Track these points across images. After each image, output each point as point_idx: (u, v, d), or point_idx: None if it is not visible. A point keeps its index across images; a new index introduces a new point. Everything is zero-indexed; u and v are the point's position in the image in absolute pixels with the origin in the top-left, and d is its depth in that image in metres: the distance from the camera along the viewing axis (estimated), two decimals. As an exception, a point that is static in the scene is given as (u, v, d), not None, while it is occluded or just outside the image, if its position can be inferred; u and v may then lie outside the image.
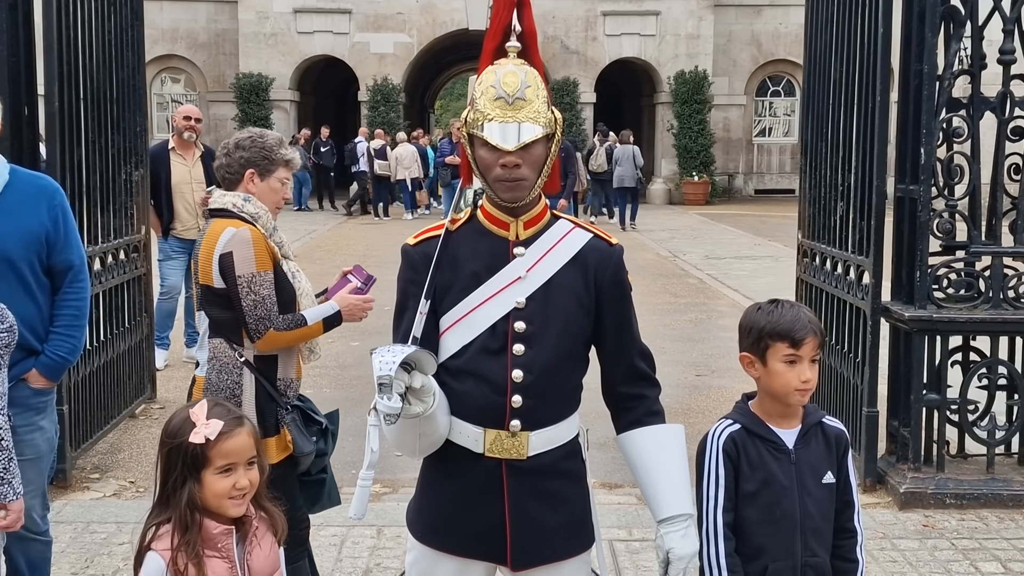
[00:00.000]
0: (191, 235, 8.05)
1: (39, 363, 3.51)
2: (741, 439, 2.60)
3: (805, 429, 2.63)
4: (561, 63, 27.60)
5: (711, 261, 15.66)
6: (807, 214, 6.72)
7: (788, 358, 2.55)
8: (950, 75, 5.31)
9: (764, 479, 2.57)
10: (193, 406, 2.44)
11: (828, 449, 2.65)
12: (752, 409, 2.67)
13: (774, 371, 2.57)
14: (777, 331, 2.56)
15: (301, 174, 24.59)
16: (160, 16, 27.39)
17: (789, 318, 2.57)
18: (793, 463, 2.59)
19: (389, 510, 5.04)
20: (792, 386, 2.56)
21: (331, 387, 7.79)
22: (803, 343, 2.55)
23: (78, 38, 5.88)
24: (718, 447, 2.60)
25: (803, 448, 2.61)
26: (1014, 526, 5.06)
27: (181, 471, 2.39)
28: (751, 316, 2.65)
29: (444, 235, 2.54)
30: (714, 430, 2.65)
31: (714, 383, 8.04)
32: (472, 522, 2.51)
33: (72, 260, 3.58)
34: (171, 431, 2.43)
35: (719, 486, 2.57)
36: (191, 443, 2.37)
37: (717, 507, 2.56)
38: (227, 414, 2.44)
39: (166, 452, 2.42)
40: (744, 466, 2.58)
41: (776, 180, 30.09)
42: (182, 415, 2.44)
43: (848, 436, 2.76)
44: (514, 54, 2.51)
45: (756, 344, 2.59)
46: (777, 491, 2.55)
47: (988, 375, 5.45)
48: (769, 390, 2.61)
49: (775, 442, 2.61)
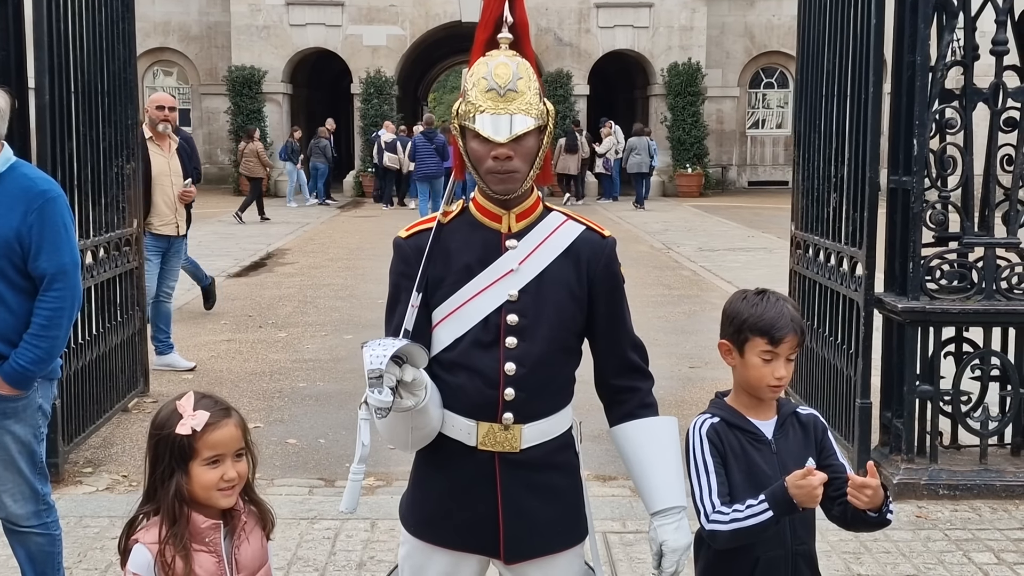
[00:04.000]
0: (168, 230, 7.85)
1: (1, 370, 3.44)
2: (722, 430, 2.60)
3: (782, 420, 2.64)
4: (554, 55, 27.57)
5: (705, 253, 15.67)
6: (800, 206, 6.72)
7: (765, 355, 2.55)
8: (943, 66, 5.30)
9: (748, 469, 2.56)
10: (180, 397, 2.42)
11: (806, 436, 2.65)
12: (728, 403, 2.68)
13: (750, 364, 2.57)
14: (758, 326, 2.55)
15: (322, 166, 24.55)
16: (152, 9, 27.33)
17: (772, 314, 2.55)
18: (774, 452, 2.60)
19: (383, 503, 5.04)
20: (765, 381, 2.56)
21: (324, 380, 7.78)
22: (782, 341, 2.54)
23: (69, 31, 5.85)
24: (701, 436, 2.60)
25: (782, 438, 2.62)
26: (1007, 517, 5.07)
27: (168, 463, 2.36)
28: (735, 305, 2.64)
29: (436, 228, 2.53)
30: (694, 424, 2.65)
31: (708, 375, 8.04)
32: (465, 515, 2.51)
33: (44, 268, 3.44)
34: (159, 422, 2.41)
35: (708, 472, 2.55)
36: (178, 434, 2.35)
37: (712, 492, 2.53)
38: (214, 405, 2.41)
39: (154, 444, 2.40)
40: (729, 457, 2.57)
41: (770, 172, 30.10)
42: (169, 407, 2.42)
43: (823, 420, 2.76)
44: (506, 45, 2.49)
45: (736, 335, 2.60)
46: (762, 480, 2.53)
47: (981, 366, 5.46)
48: (743, 381, 2.62)
49: (754, 433, 2.61)
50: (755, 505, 2.45)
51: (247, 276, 13.38)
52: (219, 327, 9.78)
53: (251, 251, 15.69)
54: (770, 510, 2.44)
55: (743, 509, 2.47)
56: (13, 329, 3.46)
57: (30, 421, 3.57)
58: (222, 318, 10.22)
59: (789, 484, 2.41)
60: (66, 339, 3.66)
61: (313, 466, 5.86)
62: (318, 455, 6.04)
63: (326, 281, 12.81)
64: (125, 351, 6.73)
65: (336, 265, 14.38)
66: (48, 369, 3.57)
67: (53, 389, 3.76)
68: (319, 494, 5.38)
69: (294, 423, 6.68)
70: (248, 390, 7.44)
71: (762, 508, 2.44)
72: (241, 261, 14.58)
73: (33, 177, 3.55)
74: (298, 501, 5.25)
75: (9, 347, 3.46)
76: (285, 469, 5.79)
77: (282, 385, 7.61)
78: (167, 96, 8.17)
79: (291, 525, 4.88)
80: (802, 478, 2.40)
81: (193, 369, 7.99)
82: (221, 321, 10.07)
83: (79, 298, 3.61)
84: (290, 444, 6.23)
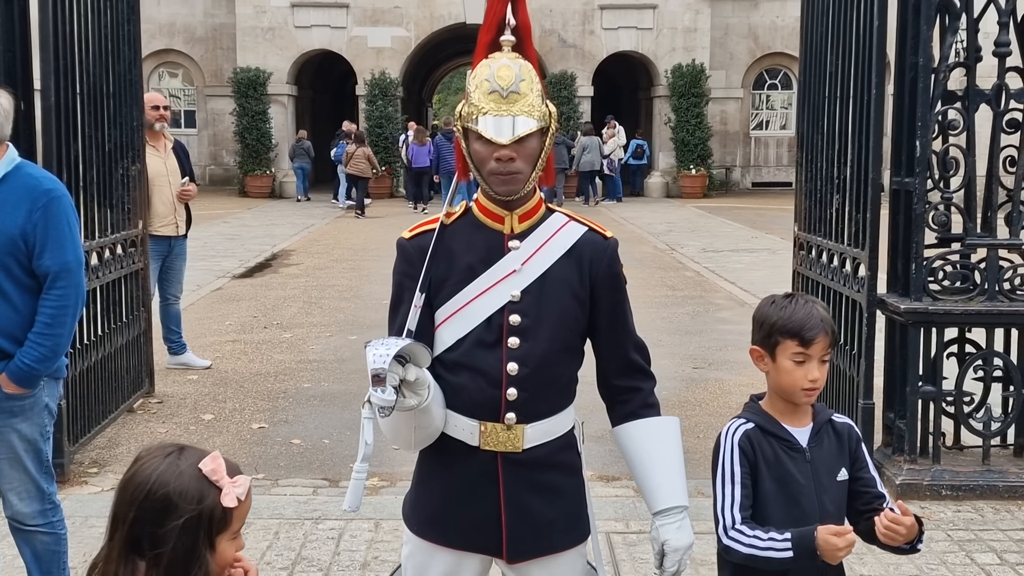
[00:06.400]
0: (167, 231, 7.74)
1: (7, 369, 3.46)
2: (756, 437, 2.56)
3: (817, 427, 2.60)
4: (558, 57, 27.58)
5: (708, 254, 15.67)
6: (803, 207, 6.72)
7: (797, 356, 2.52)
8: (945, 68, 5.31)
9: (781, 477, 2.53)
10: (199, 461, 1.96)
11: (840, 445, 2.61)
12: (764, 408, 2.63)
13: (782, 368, 2.54)
14: (788, 328, 2.53)
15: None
16: (157, 10, 27.38)
17: (801, 315, 2.53)
18: (808, 461, 2.56)
19: (387, 503, 5.05)
20: (799, 385, 2.53)
21: (329, 381, 7.80)
22: (813, 342, 2.51)
23: (74, 32, 5.88)
24: (733, 443, 2.56)
25: (816, 446, 2.58)
26: (1010, 517, 5.08)
27: (200, 541, 1.92)
28: (764, 310, 2.61)
29: (439, 228, 2.54)
30: (727, 428, 2.61)
31: (711, 376, 8.05)
32: (468, 515, 2.52)
33: (48, 266, 3.47)
34: (190, 496, 1.91)
35: (735, 483, 2.52)
36: (223, 506, 1.93)
37: (734, 504, 2.50)
38: (235, 466, 2.02)
39: (183, 522, 1.89)
40: (761, 464, 2.54)
41: (773, 173, 30.08)
42: (189, 472, 1.93)
43: (859, 430, 2.71)
44: (508, 47, 2.51)
45: (766, 339, 2.57)
46: (795, 490, 2.51)
47: (984, 367, 5.46)
48: (777, 386, 2.59)
49: (789, 440, 2.57)
50: (778, 540, 2.43)
51: (252, 277, 13.41)
52: (224, 328, 9.80)
53: (256, 252, 15.72)
54: (791, 551, 2.41)
55: (764, 538, 2.44)
56: (18, 327, 3.49)
57: (36, 420, 3.60)
58: (227, 319, 10.25)
59: (819, 534, 2.38)
60: (71, 337, 3.68)
61: (318, 466, 5.87)
62: (322, 455, 6.06)
63: (331, 282, 12.84)
64: (130, 352, 6.76)
65: (341, 266, 14.40)
66: (53, 367, 3.59)
67: (59, 388, 3.79)
68: (323, 494, 5.40)
69: (299, 423, 6.70)
70: (253, 390, 7.47)
71: (784, 546, 2.42)
72: (246, 262, 14.61)
73: (38, 176, 3.58)
74: (302, 501, 5.27)
75: (15, 345, 3.48)
76: (290, 469, 5.81)
77: (287, 386, 7.64)
78: (160, 96, 8.09)
79: (295, 525, 4.90)
80: (835, 533, 2.36)
81: (209, 367, 8.04)
82: (226, 322, 10.10)
83: (83, 296, 3.63)
84: (295, 444, 6.25)
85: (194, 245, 8.86)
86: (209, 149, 29.03)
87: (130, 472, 1.96)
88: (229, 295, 11.82)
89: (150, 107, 7.59)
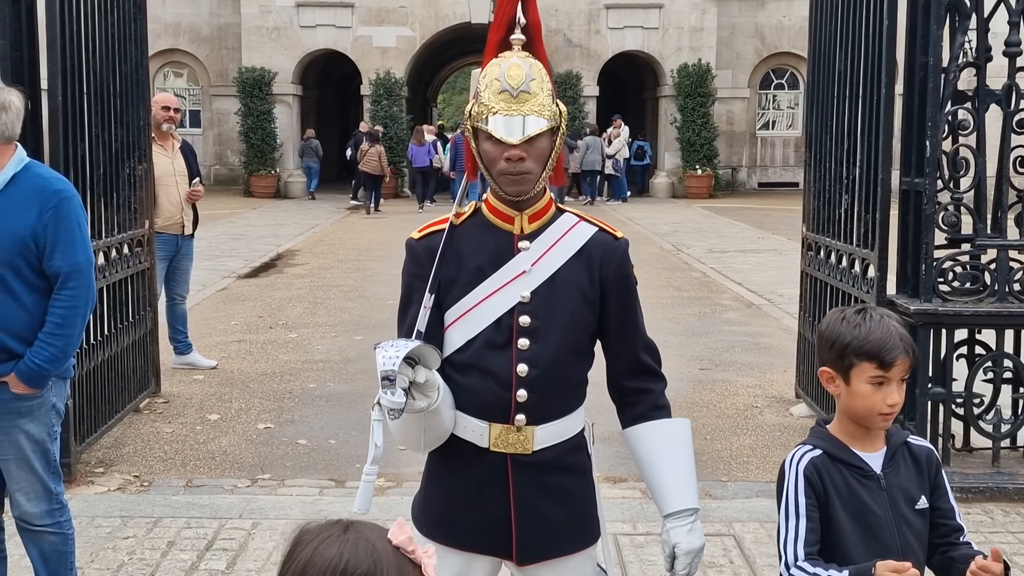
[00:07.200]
0: (174, 230, 7.73)
1: (16, 369, 3.46)
2: (824, 465, 2.34)
3: (891, 451, 2.38)
4: (564, 56, 27.56)
5: (715, 255, 15.65)
6: (811, 207, 6.70)
7: (876, 379, 2.29)
8: (955, 67, 5.29)
9: (856, 510, 2.32)
10: (374, 531, 1.58)
11: (919, 471, 2.40)
12: (832, 432, 2.40)
13: (858, 392, 2.32)
14: (865, 349, 2.29)
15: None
16: (163, 10, 27.39)
17: (879, 335, 2.29)
18: (884, 489, 2.34)
19: (393, 504, 5.04)
20: (876, 410, 2.31)
21: (335, 381, 7.79)
22: (894, 364, 2.28)
23: (81, 32, 5.87)
24: (798, 472, 2.34)
25: (892, 472, 2.36)
26: (1020, 519, 5.05)
27: None
28: (835, 327, 2.36)
29: (448, 229, 2.52)
30: (791, 456, 2.39)
31: (719, 377, 8.03)
32: (477, 517, 2.50)
33: (59, 267, 3.47)
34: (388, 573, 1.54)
35: (799, 516, 2.30)
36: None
37: (798, 540, 2.29)
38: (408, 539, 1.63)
39: None
40: (832, 496, 2.33)
41: (780, 173, 30.05)
42: (381, 546, 1.55)
43: (938, 455, 2.51)
44: (519, 47, 2.49)
45: (839, 360, 2.33)
46: (872, 522, 2.31)
47: (993, 368, 5.44)
48: (850, 410, 2.36)
49: (861, 467, 2.35)
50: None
51: (257, 277, 13.41)
52: (230, 328, 9.80)
53: (261, 252, 15.73)
54: None
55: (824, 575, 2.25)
56: (28, 327, 3.48)
57: (44, 420, 3.59)
58: (232, 319, 10.25)
59: (877, 570, 2.17)
60: (80, 337, 3.68)
61: (324, 467, 5.86)
62: (328, 456, 6.05)
63: (336, 282, 12.83)
64: (137, 351, 6.75)
65: (346, 266, 14.40)
66: (63, 368, 3.59)
67: (66, 388, 3.78)
68: (329, 495, 5.39)
69: (304, 424, 6.69)
70: (259, 391, 7.46)
71: None
72: (251, 262, 14.61)
73: (47, 177, 3.58)
74: (309, 502, 5.26)
75: (24, 345, 3.48)
76: (296, 470, 5.80)
77: (293, 386, 7.63)
78: (171, 97, 8.14)
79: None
80: (894, 570, 2.15)
81: (215, 367, 8.03)
82: (232, 322, 10.10)
83: (93, 297, 3.63)
84: (300, 445, 6.24)
85: (199, 245, 8.86)
86: (214, 149, 29.06)
87: (299, 560, 1.56)
88: (234, 295, 11.82)
89: (160, 107, 7.65)
